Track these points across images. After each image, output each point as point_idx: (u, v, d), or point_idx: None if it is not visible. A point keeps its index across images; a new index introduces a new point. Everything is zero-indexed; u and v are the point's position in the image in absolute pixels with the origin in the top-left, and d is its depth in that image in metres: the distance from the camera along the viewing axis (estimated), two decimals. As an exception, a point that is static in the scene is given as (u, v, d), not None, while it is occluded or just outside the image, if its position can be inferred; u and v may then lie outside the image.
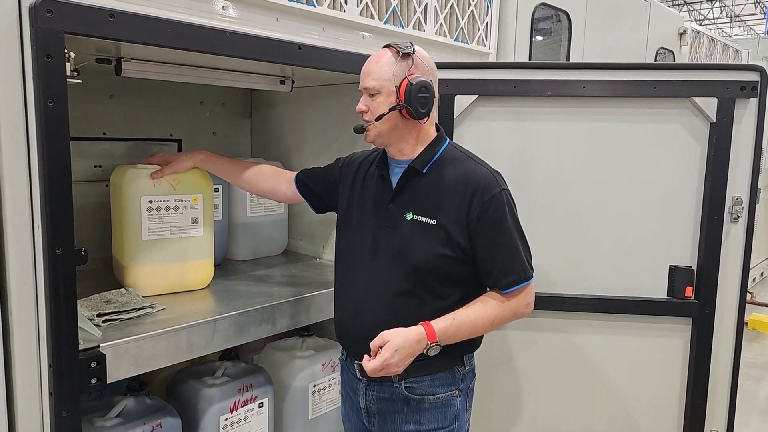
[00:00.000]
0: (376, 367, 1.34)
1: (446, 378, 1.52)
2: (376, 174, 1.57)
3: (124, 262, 1.82)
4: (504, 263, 1.44)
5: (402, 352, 1.36)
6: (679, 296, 1.98)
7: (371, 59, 1.48)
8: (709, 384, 2.01)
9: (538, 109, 1.99)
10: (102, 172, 2.25)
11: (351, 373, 1.61)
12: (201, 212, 1.88)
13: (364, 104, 1.47)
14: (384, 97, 1.44)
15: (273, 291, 1.94)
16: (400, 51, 1.44)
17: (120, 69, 1.67)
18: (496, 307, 1.45)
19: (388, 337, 1.37)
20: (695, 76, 1.90)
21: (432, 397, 1.51)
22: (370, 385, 1.55)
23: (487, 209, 1.42)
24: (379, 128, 1.46)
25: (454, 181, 1.46)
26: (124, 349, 1.44)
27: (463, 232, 1.43)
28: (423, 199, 1.47)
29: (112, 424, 1.61)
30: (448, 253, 1.44)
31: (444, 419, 1.52)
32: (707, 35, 4.63)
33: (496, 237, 1.44)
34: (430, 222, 1.44)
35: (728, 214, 1.94)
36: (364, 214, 1.56)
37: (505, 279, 1.45)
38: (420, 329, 1.39)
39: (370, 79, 1.45)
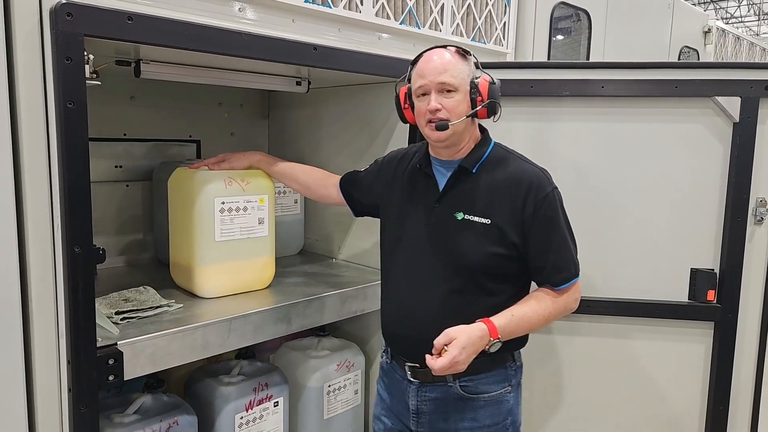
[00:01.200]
0: (445, 365, 1.33)
1: (499, 375, 1.53)
2: (419, 172, 1.57)
3: (192, 264, 1.81)
4: (556, 260, 1.47)
5: (468, 349, 1.35)
6: (700, 300, 1.94)
7: (442, 55, 1.45)
8: (731, 390, 1.95)
9: (556, 109, 1.97)
10: (122, 173, 2.29)
11: (399, 375, 1.59)
12: (267, 213, 1.90)
13: (438, 102, 1.44)
14: (462, 95, 1.44)
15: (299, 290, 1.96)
16: (465, 52, 1.47)
17: (139, 71, 1.70)
18: (550, 303, 1.48)
19: (453, 335, 1.35)
20: (718, 75, 1.86)
21: (487, 395, 1.52)
22: (423, 385, 1.54)
23: (541, 207, 1.44)
24: (457, 126, 1.45)
25: (507, 180, 1.47)
26: (141, 346, 1.46)
27: (518, 230, 1.44)
28: (474, 199, 1.47)
29: (130, 421, 1.64)
30: (502, 252, 1.45)
31: (498, 415, 1.53)
32: (733, 33, 4.53)
33: (549, 235, 1.46)
34: (484, 221, 1.45)
35: (752, 215, 1.89)
36: (409, 212, 1.56)
37: (558, 276, 1.47)
38: (482, 326, 1.39)
39: (449, 76, 1.42)
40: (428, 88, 1.44)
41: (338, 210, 2.47)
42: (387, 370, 1.66)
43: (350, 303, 2.01)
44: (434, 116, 1.43)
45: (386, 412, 1.66)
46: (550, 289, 1.49)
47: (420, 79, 1.46)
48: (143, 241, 2.35)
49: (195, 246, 1.79)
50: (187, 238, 1.81)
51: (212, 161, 1.85)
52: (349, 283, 2.07)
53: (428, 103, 1.44)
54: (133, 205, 2.32)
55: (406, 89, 1.55)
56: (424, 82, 1.45)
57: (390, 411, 1.64)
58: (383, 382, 1.68)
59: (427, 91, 1.45)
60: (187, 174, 1.82)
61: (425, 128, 1.48)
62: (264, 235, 1.90)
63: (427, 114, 1.44)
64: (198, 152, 2.50)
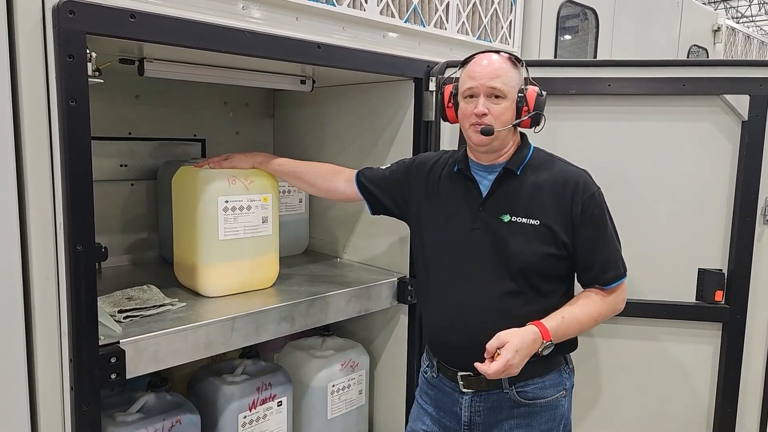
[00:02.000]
0: (499, 369, 1.31)
1: (554, 379, 1.52)
2: (458, 176, 1.56)
3: (196, 262, 1.80)
4: (604, 259, 1.47)
5: (522, 352, 1.34)
6: (708, 300, 1.91)
7: (493, 60, 1.44)
8: (739, 392, 1.93)
9: (562, 107, 1.95)
10: (127, 171, 2.30)
11: (449, 387, 1.56)
12: (271, 211, 1.89)
13: (485, 106, 1.43)
14: (509, 102, 1.44)
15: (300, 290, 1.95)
16: (517, 60, 1.47)
17: (143, 69, 1.70)
18: (599, 302, 1.47)
19: (506, 338, 1.34)
20: (726, 73, 1.83)
21: (543, 400, 1.50)
22: (477, 395, 1.51)
23: (588, 206, 1.45)
24: (500, 134, 1.44)
25: (552, 181, 1.47)
26: (144, 345, 1.46)
27: (567, 229, 1.45)
28: (520, 201, 1.47)
29: (133, 419, 1.64)
30: (553, 252, 1.45)
31: (553, 420, 1.52)
32: (743, 32, 4.48)
33: (596, 234, 1.46)
34: (533, 222, 1.45)
35: (761, 215, 1.86)
36: (450, 217, 1.54)
37: (606, 275, 1.47)
38: (534, 329, 1.38)
39: (500, 82, 1.42)
40: (477, 91, 1.44)
41: (344, 210, 2.47)
42: (433, 383, 1.62)
43: (354, 303, 2.01)
44: (480, 120, 1.43)
45: (430, 426, 1.61)
46: (599, 289, 1.49)
47: (470, 80, 1.45)
48: (148, 239, 2.35)
49: (198, 245, 1.79)
50: (191, 237, 1.81)
51: (216, 160, 1.84)
52: (354, 283, 2.06)
53: (475, 106, 1.43)
54: (138, 204, 2.33)
55: (452, 88, 1.54)
56: (474, 84, 1.44)
57: (437, 425, 1.60)
58: (428, 395, 1.64)
59: (475, 94, 1.44)
60: (190, 172, 1.82)
61: (468, 130, 1.47)
62: (268, 234, 1.90)
63: (473, 117, 1.44)
64: (203, 151, 2.50)
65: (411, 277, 2.12)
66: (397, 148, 2.20)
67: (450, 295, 1.52)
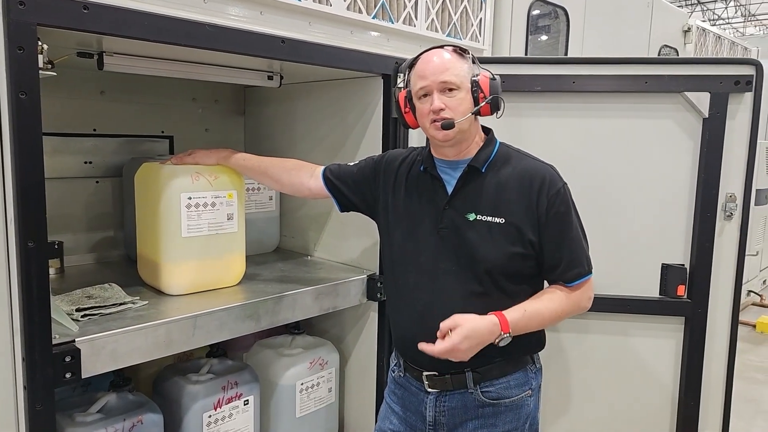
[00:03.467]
0: (443, 350, 1.31)
1: (520, 378, 1.51)
2: (424, 174, 1.54)
3: (159, 260, 1.78)
4: (570, 257, 1.46)
5: (473, 339, 1.33)
6: (671, 295, 1.94)
7: (441, 55, 1.45)
8: (702, 385, 1.96)
9: (528, 104, 1.97)
10: (92, 169, 2.26)
11: (415, 387, 1.56)
12: (236, 208, 1.87)
13: (441, 101, 1.42)
14: (464, 93, 1.43)
15: (262, 288, 1.92)
16: (462, 51, 1.47)
17: (102, 63, 1.67)
18: (563, 299, 1.46)
19: (460, 321, 1.33)
20: (688, 71, 1.86)
21: (507, 400, 1.49)
22: (442, 395, 1.50)
23: (554, 203, 1.44)
24: (462, 124, 1.43)
25: (517, 177, 1.46)
26: (101, 343, 1.43)
27: (533, 227, 1.44)
28: (486, 199, 1.46)
29: (92, 420, 1.61)
30: (519, 250, 1.43)
31: (517, 420, 1.50)
32: (713, 32, 4.56)
33: (562, 231, 1.45)
34: (498, 221, 1.43)
35: (721, 211, 1.90)
36: (417, 216, 1.53)
37: (571, 272, 1.46)
38: (494, 319, 1.37)
39: (450, 75, 1.42)
40: (430, 89, 1.43)
41: (315, 208, 2.46)
42: (400, 382, 1.61)
43: (323, 300, 1.99)
44: (438, 116, 1.42)
45: (397, 426, 1.61)
46: (562, 286, 1.48)
47: (421, 80, 1.45)
48: (114, 238, 2.31)
49: (161, 242, 1.76)
50: (154, 234, 1.79)
51: (179, 156, 1.82)
52: (323, 280, 2.04)
53: (431, 103, 1.42)
54: (103, 202, 2.29)
55: (405, 93, 1.53)
56: (425, 83, 1.44)
57: (403, 424, 1.60)
58: (395, 394, 1.63)
59: (429, 92, 1.44)
60: (153, 169, 1.79)
61: (430, 128, 1.46)
62: (233, 231, 1.88)
63: (431, 114, 1.43)
64: (171, 148, 2.47)
65: (381, 274, 2.11)
66: (366, 144, 2.20)
67: (416, 294, 1.51)
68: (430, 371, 1.50)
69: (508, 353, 1.43)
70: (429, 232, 1.50)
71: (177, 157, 1.81)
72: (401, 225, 1.56)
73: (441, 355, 1.32)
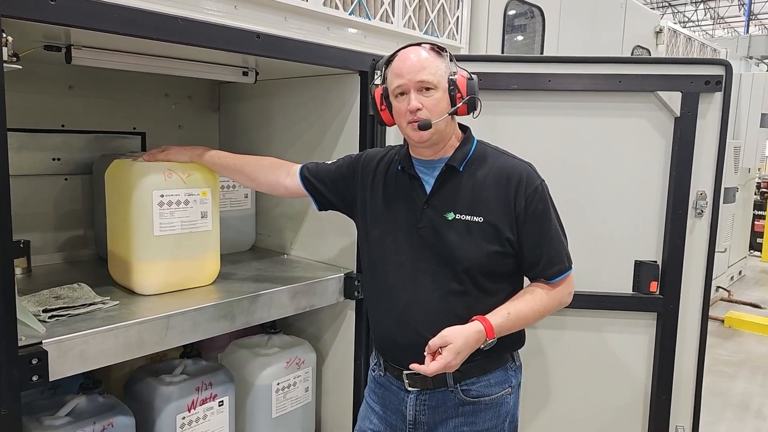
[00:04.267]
0: (437, 370, 1.32)
1: (499, 377, 1.51)
2: (402, 174, 1.53)
3: (131, 259, 1.73)
4: (550, 254, 1.46)
5: (463, 353, 1.34)
6: (644, 291, 1.97)
7: (418, 53, 1.42)
8: (674, 379, 1.99)
9: (504, 102, 1.97)
10: (60, 165, 2.19)
11: (395, 386, 1.55)
12: (210, 206, 1.83)
13: (418, 101, 1.40)
14: (441, 92, 1.41)
15: (239, 287, 1.89)
16: (440, 49, 1.44)
17: (70, 57, 1.62)
18: (545, 297, 1.46)
19: (449, 339, 1.33)
20: (660, 71, 1.89)
21: (487, 398, 1.49)
22: (422, 393, 1.50)
23: (532, 201, 1.43)
24: (439, 125, 1.42)
25: (495, 176, 1.45)
26: (70, 345, 1.39)
27: (512, 226, 1.43)
28: (464, 198, 1.45)
29: (61, 423, 1.57)
30: (498, 249, 1.43)
31: (497, 417, 1.51)
32: (684, 34, 4.65)
33: (541, 228, 1.45)
34: (477, 219, 1.43)
35: (692, 208, 1.93)
36: (396, 216, 1.51)
37: (552, 269, 1.47)
38: (479, 327, 1.37)
39: (427, 74, 1.39)
40: (407, 88, 1.41)
41: (291, 206, 2.43)
42: (381, 381, 1.60)
43: (299, 299, 1.97)
44: (415, 116, 1.40)
45: (377, 425, 1.60)
46: (544, 283, 1.48)
47: (397, 78, 1.42)
48: (84, 237, 2.26)
49: (132, 241, 1.72)
50: (125, 233, 1.74)
51: (152, 152, 1.78)
52: (300, 279, 2.02)
53: (408, 102, 1.41)
54: (73, 200, 2.23)
55: (381, 90, 1.50)
56: (402, 82, 1.41)
57: (383, 423, 1.59)
58: (376, 393, 1.62)
59: (405, 91, 1.42)
60: (124, 165, 1.75)
61: (406, 129, 1.44)
62: (207, 229, 1.84)
63: (408, 114, 1.41)
64: (143, 145, 2.42)
65: (359, 273, 2.10)
66: (344, 142, 2.18)
67: (395, 294, 1.50)
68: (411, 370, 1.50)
69: (488, 352, 1.43)
70: (408, 231, 1.49)
71: (149, 153, 1.77)
72: (380, 224, 1.55)
73: (434, 373, 1.33)
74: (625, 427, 2.07)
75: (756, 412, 3.53)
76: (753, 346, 4.68)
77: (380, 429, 1.59)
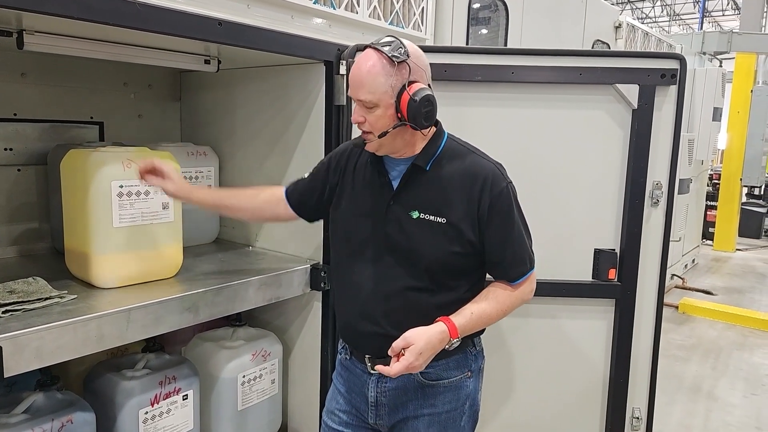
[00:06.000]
0: (400, 371, 1.33)
1: (459, 360, 1.52)
2: (370, 170, 1.51)
3: (90, 252, 1.68)
4: (512, 256, 1.47)
5: (426, 353, 1.35)
6: (603, 278, 2.03)
7: (360, 67, 1.36)
8: (630, 362, 2.07)
9: (469, 94, 1.99)
10: (13, 156, 2.11)
11: (359, 369, 1.56)
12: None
13: (360, 115, 1.38)
14: (383, 109, 1.36)
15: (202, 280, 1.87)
16: (394, 60, 1.33)
17: (22, 42, 1.55)
18: (507, 297, 1.48)
19: (411, 340, 1.34)
20: (619, 64, 1.94)
21: (446, 381, 1.51)
22: (383, 377, 1.50)
23: (496, 203, 1.42)
24: (381, 141, 1.40)
25: (460, 176, 1.44)
26: (25, 341, 1.34)
27: (474, 227, 1.43)
28: (429, 197, 1.44)
29: (17, 421, 1.52)
30: (458, 250, 1.43)
31: (457, 400, 1.53)
32: (642, 29, 4.78)
33: (504, 231, 1.45)
34: (439, 220, 1.42)
35: (649, 198, 1.99)
36: (364, 210, 1.50)
37: (514, 271, 1.48)
38: (442, 328, 1.38)
39: (365, 92, 1.35)
40: (352, 99, 1.41)
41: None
42: (346, 365, 1.62)
43: (264, 290, 1.96)
44: (359, 128, 1.40)
45: (343, 406, 1.61)
46: (506, 284, 1.49)
47: (349, 88, 1.42)
48: (39, 229, 2.18)
49: (91, 233, 1.68)
50: (83, 225, 1.69)
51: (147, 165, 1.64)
52: (265, 271, 2.01)
53: (353, 114, 1.41)
54: (26, 191, 2.15)
55: None
56: (350, 93, 1.41)
57: (348, 405, 1.60)
58: (341, 376, 1.63)
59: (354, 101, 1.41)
60: (80, 156, 1.70)
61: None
62: (169, 220, 1.81)
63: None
64: (101, 135, 2.35)
65: (325, 264, 2.10)
66: (309, 132, 2.16)
67: (359, 284, 1.51)
68: (369, 355, 1.52)
69: None
70: (374, 225, 1.49)
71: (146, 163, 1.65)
72: (347, 216, 1.55)
73: (398, 374, 1.35)
74: (585, 410, 2.14)
75: (707, 393, 3.70)
76: (705, 331, 4.89)
77: (346, 409, 1.61)
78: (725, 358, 4.29)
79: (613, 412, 2.10)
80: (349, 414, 1.60)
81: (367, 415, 1.55)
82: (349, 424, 1.59)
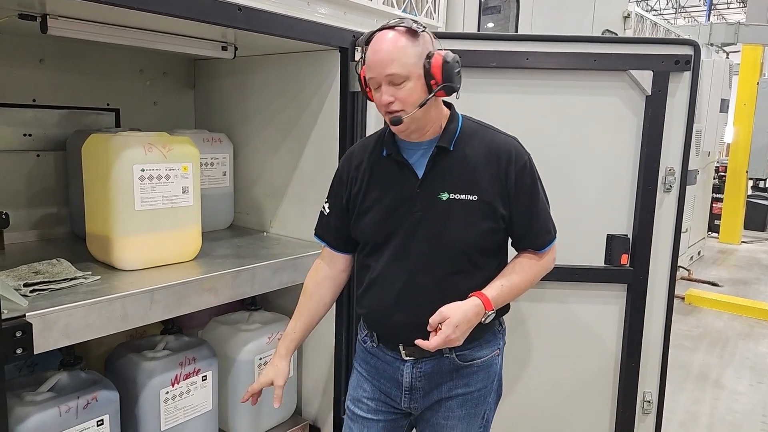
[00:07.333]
0: (438, 344, 1.36)
1: (489, 340, 1.56)
2: (389, 160, 1.51)
3: (111, 234, 1.71)
4: (539, 225, 1.51)
5: (463, 326, 1.38)
6: (615, 264, 2.05)
7: (386, 45, 1.36)
8: (642, 347, 2.09)
9: (483, 80, 2.01)
10: (32, 141, 2.14)
11: (390, 355, 1.56)
12: (191, 181, 1.82)
13: (389, 95, 1.37)
14: (414, 81, 1.36)
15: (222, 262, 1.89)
16: (416, 30, 1.37)
17: (46, 26, 1.57)
18: (534, 266, 1.53)
19: (447, 314, 1.37)
20: (633, 50, 1.95)
21: (480, 360, 1.54)
22: (418, 362, 1.52)
23: (521, 176, 1.47)
24: (416, 114, 1.39)
25: (485, 153, 1.47)
26: (54, 318, 1.38)
27: (504, 201, 1.46)
28: (456, 177, 1.45)
29: (43, 399, 1.55)
30: (492, 226, 1.46)
31: (487, 378, 1.57)
32: (650, 19, 4.78)
33: (530, 202, 1.49)
34: (471, 198, 1.44)
35: (662, 184, 2.01)
36: (391, 203, 1.49)
37: (540, 240, 1.52)
38: (476, 301, 1.41)
39: (396, 66, 1.34)
40: (378, 81, 1.39)
41: (270, 184, 2.43)
42: (372, 352, 1.61)
43: (281, 274, 1.99)
44: (389, 109, 1.39)
45: (371, 393, 1.61)
46: (532, 254, 1.53)
47: (369, 71, 1.40)
48: (57, 214, 2.21)
49: (113, 216, 1.70)
50: (105, 208, 1.72)
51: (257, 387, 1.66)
52: (281, 255, 2.03)
53: (381, 95, 1.39)
54: (45, 176, 2.18)
55: (364, 71, 1.46)
56: (372, 75, 1.39)
57: (377, 391, 1.60)
58: (367, 363, 1.63)
59: (378, 84, 1.39)
60: (102, 140, 1.72)
61: (385, 117, 1.43)
62: (189, 204, 1.84)
63: (383, 107, 1.40)
64: (117, 121, 2.37)
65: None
66: (323, 119, 2.18)
67: (390, 278, 1.51)
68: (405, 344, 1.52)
69: None
70: (405, 217, 1.48)
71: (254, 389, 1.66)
72: (374, 213, 1.52)
73: (437, 348, 1.38)
74: (597, 393, 2.17)
75: (714, 382, 3.72)
76: (711, 322, 4.91)
77: (374, 397, 1.61)
78: (731, 348, 4.31)
79: (625, 396, 2.12)
80: (377, 401, 1.60)
81: (400, 400, 1.56)
82: (379, 411, 1.60)
